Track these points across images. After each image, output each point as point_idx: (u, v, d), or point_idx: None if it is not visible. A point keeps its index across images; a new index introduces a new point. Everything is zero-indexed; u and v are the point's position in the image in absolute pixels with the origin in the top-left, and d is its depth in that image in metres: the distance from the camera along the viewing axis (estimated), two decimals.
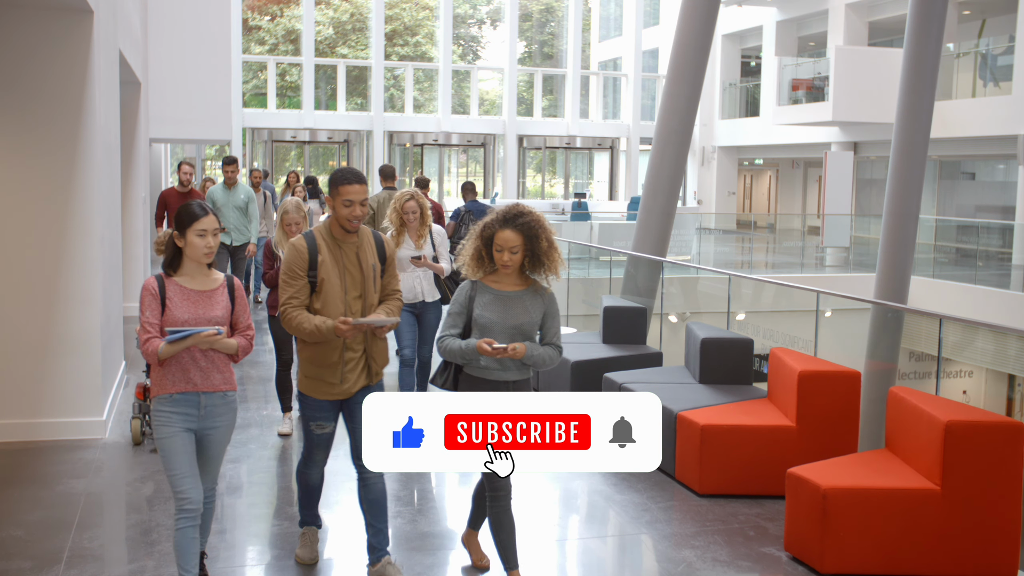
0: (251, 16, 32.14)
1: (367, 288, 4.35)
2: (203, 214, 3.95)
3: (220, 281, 4.08)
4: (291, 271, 4.25)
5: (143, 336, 3.91)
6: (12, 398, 6.45)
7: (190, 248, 3.96)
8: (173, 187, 10.18)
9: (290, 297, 4.24)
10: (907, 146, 12.40)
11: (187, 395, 3.98)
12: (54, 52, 6.37)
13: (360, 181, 4.24)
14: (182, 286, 3.99)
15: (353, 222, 4.25)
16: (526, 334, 4.25)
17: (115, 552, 4.81)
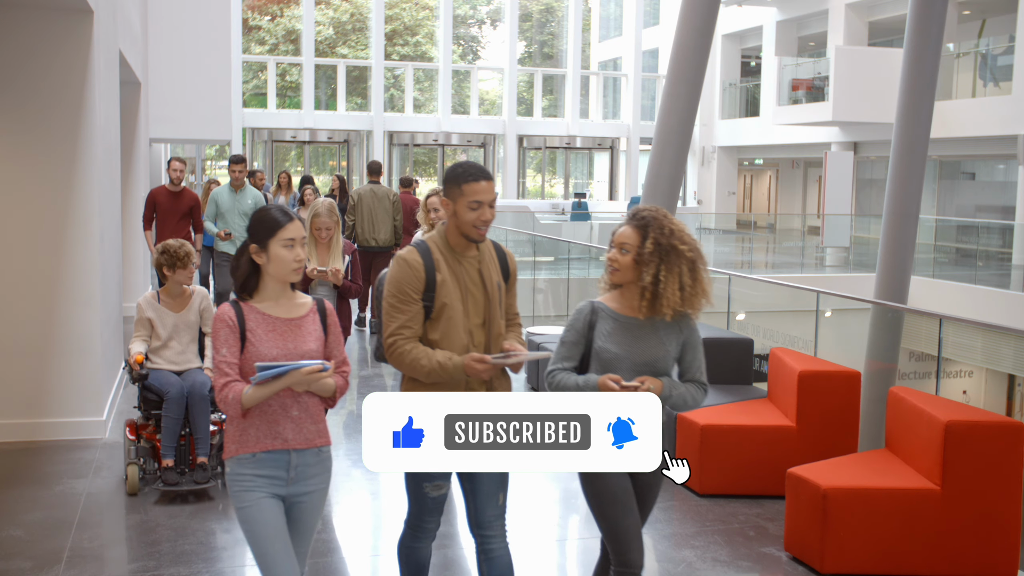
0: (251, 16, 32.13)
1: (492, 313, 3.51)
2: (287, 220, 3.13)
3: (309, 305, 3.27)
4: (402, 293, 3.39)
5: (219, 380, 3.09)
6: (12, 398, 6.45)
7: (275, 264, 3.13)
8: (163, 186, 9.43)
9: (400, 327, 3.38)
10: (907, 146, 12.39)
11: (275, 454, 3.15)
12: (54, 52, 6.37)
13: (487, 177, 3.43)
14: (265, 314, 3.16)
15: (481, 229, 3.43)
16: (659, 372, 3.51)
17: (115, 552, 4.81)
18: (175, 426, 5.54)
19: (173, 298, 5.74)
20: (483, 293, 3.49)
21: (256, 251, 3.15)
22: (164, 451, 5.54)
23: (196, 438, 5.59)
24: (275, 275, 3.16)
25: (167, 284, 5.73)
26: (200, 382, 5.60)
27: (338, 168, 28.04)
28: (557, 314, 12.64)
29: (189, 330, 5.77)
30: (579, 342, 3.53)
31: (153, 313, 5.68)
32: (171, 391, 5.51)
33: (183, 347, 5.74)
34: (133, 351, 5.61)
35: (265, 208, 3.20)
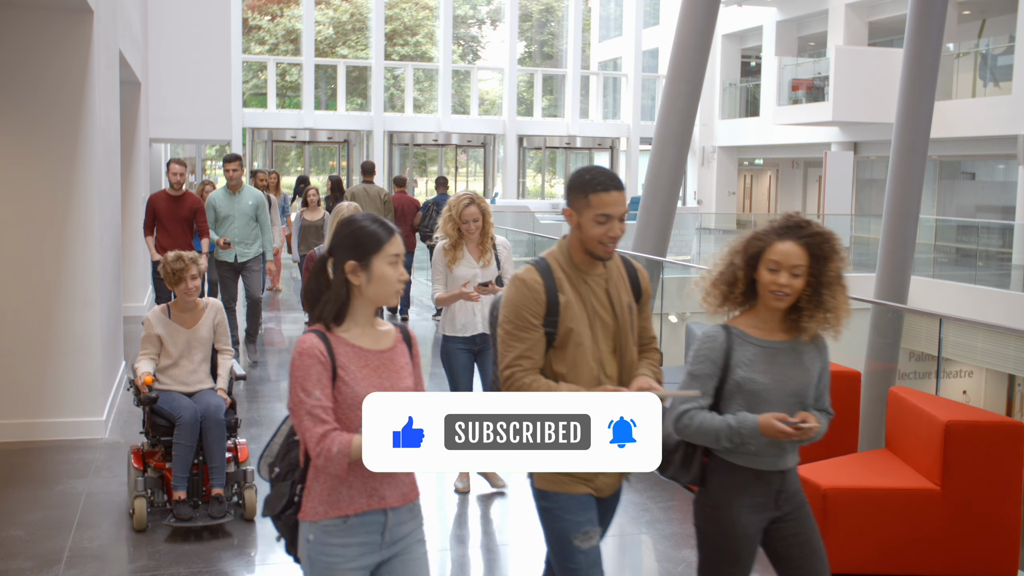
0: (251, 16, 32.14)
1: (624, 339, 3.08)
2: (390, 233, 2.65)
3: (394, 333, 2.77)
4: (520, 319, 2.96)
5: (316, 429, 2.52)
6: (12, 398, 6.45)
7: (378, 284, 2.63)
8: (163, 190, 8.69)
9: (519, 357, 2.95)
10: (907, 146, 12.39)
11: (370, 516, 2.65)
12: (54, 52, 6.37)
13: (618, 187, 2.98)
14: (355, 346, 2.65)
15: (608, 246, 2.98)
16: (804, 403, 3.06)
17: (115, 552, 4.81)
18: (188, 454, 5.00)
19: (184, 313, 5.25)
20: (612, 316, 3.06)
21: (354, 270, 2.62)
22: (175, 482, 4.99)
23: (211, 467, 5.05)
24: (374, 297, 2.65)
25: (178, 298, 5.27)
26: (215, 405, 5.09)
27: (338, 168, 28.05)
28: None
29: (202, 348, 5.26)
30: (715, 375, 3.04)
31: (163, 329, 5.18)
32: (184, 415, 4.99)
33: (195, 366, 5.23)
34: (140, 371, 5.11)
35: (355, 220, 2.68)
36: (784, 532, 3.08)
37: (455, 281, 5.37)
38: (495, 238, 5.61)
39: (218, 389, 5.25)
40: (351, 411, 2.58)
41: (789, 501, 3.11)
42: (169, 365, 5.19)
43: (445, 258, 5.45)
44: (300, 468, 2.68)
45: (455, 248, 5.45)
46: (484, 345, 5.49)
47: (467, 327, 5.46)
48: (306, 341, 2.60)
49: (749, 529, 3.05)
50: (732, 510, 3.05)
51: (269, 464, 2.78)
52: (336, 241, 2.66)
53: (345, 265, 2.64)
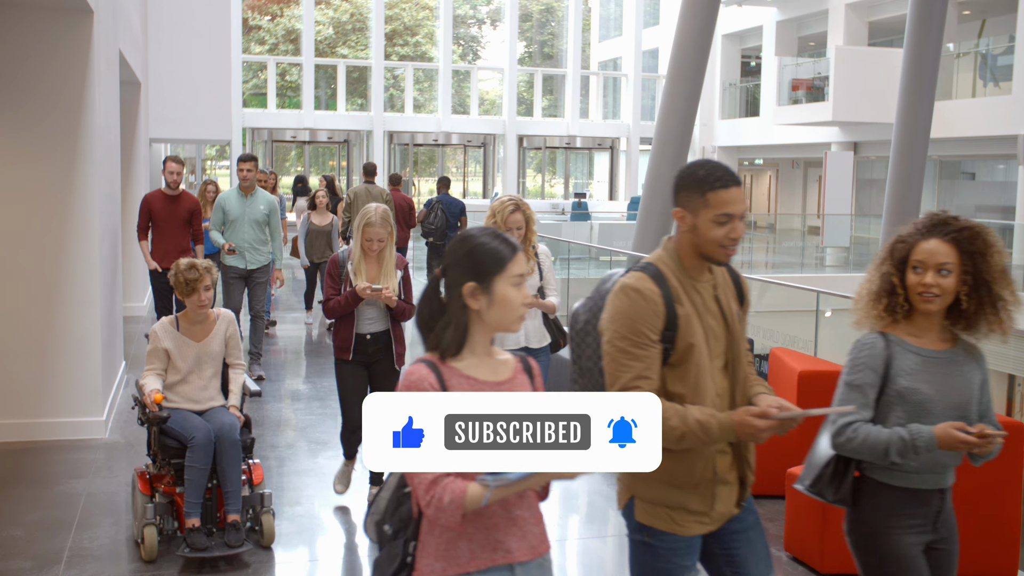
0: (251, 16, 32.15)
1: (737, 352, 2.78)
2: (512, 250, 2.34)
3: (513, 363, 2.45)
4: (637, 334, 2.61)
5: (425, 475, 2.22)
6: (12, 398, 6.45)
7: (500, 308, 2.32)
8: (159, 190, 8.30)
9: (637, 378, 2.60)
10: (907, 146, 12.40)
11: (494, 573, 2.34)
12: (54, 52, 6.36)
13: (737, 182, 2.68)
14: (471, 377, 2.35)
15: (729, 249, 2.68)
16: (968, 417, 2.87)
17: (115, 552, 4.81)
18: (202, 478, 4.61)
19: (194, 325, 4.85)
20: (723, 327, 2.75)
21: (473, 292, 2.30)
22: (188, 508, 4.58)
23: (226, 492, 4.66)
24: (495, 323, 2.33)
25: (188, 309, 4.86)
26: (229, 424, 4.70)
27: (337, 168, 28.05)
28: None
29: (212, 362, 4.88)
30: (875, 384, 2.84)
31: (171, 343, 4.79)
32: (197, 436, 4.59)
33: (205, 382, 4.85)
34: (148, 388, 4.71)
35: (472, 236, 2.36)
36: (938, 559, 2.91)
37: None
38: (537, 246, 5.24)
39: (230, 407, 4.88)
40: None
41: (945, 524, 2.93)
42: (177, 381, 4.80)
43: None
44: (413, 522, 2.35)
45: None
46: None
47: (517, 339, 5.11)
48: (415, 373, 2.28)
49: (913, 551, 2.85)
50: (891, 536, 2.84)
51: (377, 522, 2.42)
52: (452, 260, 2.35)
53: (463, 287, 2.30)
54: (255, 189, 8.19)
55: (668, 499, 2.69)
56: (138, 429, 6.80)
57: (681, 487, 2.68)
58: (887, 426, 2.82)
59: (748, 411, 2.58)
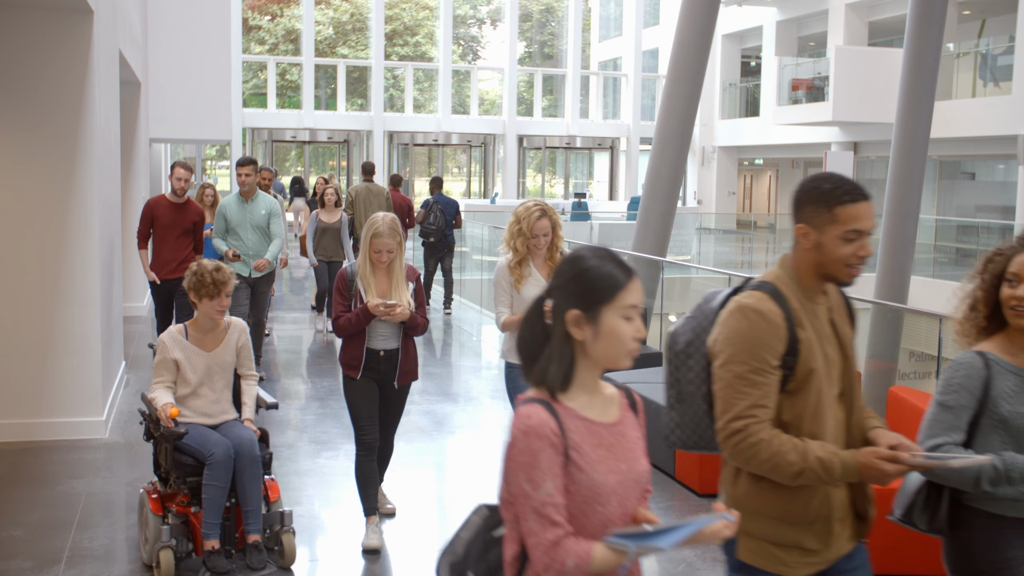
0: (251, 16, 32.16)
1: (852, 380, 2.57)
2: (627, 276, 2.07)
3: (618, 399, 2.19)
4: (757, 359, 2.42)
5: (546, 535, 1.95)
6: (12, 398, 6.45)
7: (607, 342, 2.05)
8: (163, 196, 7.95)
9: (752, 407, 2.41)
10: (907, 146, 12.40)
11: None
12: (54, 52, 6.37)
13: (867, 196, 2.48)
14: (586, 419, 2.07)
15: (856, 269, 2.50)
16: None
17: (115, 552, 4.81)
18: (221, 497, 4.34)
19: (204, 334, 4.59)
20: (839, 352, 2.54)
21: (577, 321, 2.04)
22: (207, 529, 4.32)
23: (245, 511, 4.39)
24: (600, 357, 2.06)
25: (197, 316, 4.59)
26: (247, 439, 4.44)
27: (338, 168, 28.05)
28: None
29: (224, 374, 4.62)
30: (971, 407, 2.67)
31: (180, 353, 4.51)
32: (216, 452, 4.32)
33: (217, 395, 4.60)
34: (160, 402, 4.44)
35: (583, 257, 2.08)
36: None
37: (523, 303, 4.74)
38: (563, 252, 4.94)
39: (245, 420, 4.63)
40: (587, 506, 2.00)
41: None
42: (188, 394, 4.53)
43: (511, 276, 4.83)
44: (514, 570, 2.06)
45: (521, 265, 4.82)
46: None
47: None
48: (533, 416, 1.99)
49: None
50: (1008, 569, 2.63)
51: (453, 564, 2.17)
52: (558, 280, 2.09)
53: (567, 314, 2.05)
54: (255, 193, 7.92)
55: (780, 537, 2.46)
56: (138, 429, 6.80)
57: (795, 524, 2.45)
58: (986, 451, 2.63)
59: (876, 453, 2.36)
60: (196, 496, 4.41)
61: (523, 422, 2.00)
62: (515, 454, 1.99)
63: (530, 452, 1.97)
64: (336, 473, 5.95)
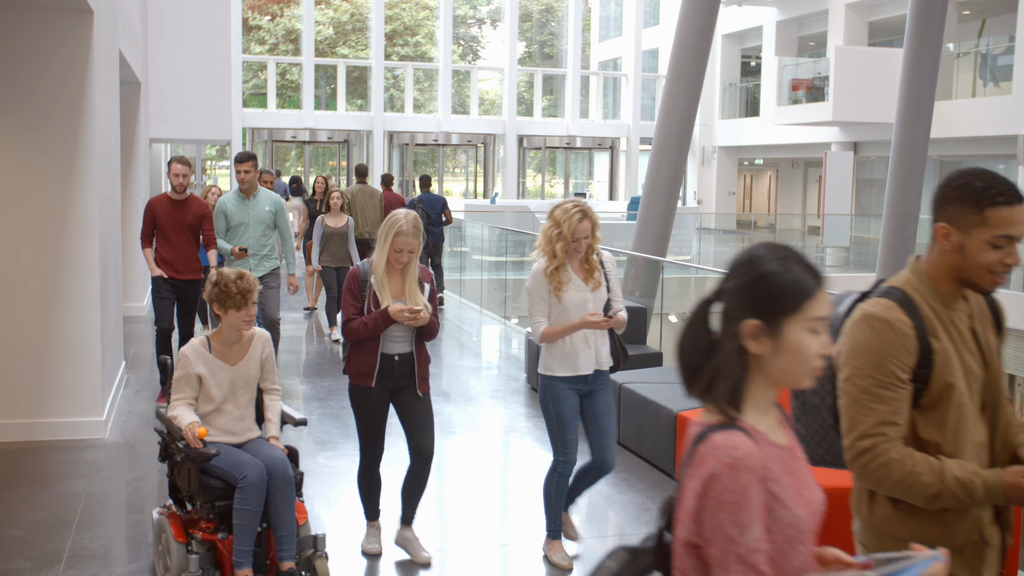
0: (251, 16, 32.16)
1: (996, 393, 2.35)
2: (817, 284, 1.79)
3: (776, 412, 1.90)
4: (886, 373, 2.23)
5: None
6: (12, 398, 6.45)
7: (791, 358, 1.78)
8: (164, 194, 7.57)
9: (882, 423, 2.23)
10: (907, 146, 12.41)
11: None
12: (54, 52, 6.37)
13: (1022, 199, 2.26)
14: (775, 444, 1.81)
15: (1001, 277, 2.30)
16: None
17: (115, 552, 4.81)
18: (254, 522, 4.00)
19: (228, 346, 4.25)
20: (981, 363, 2.33)
21: (756, 332, 1.78)
22: (238, 558, 3.97)
23: (278, 536, 4.05)
24: (779, 375, 1.80)
25: (221, 327, 4.25)
26: (278, 459, 4.12)
27: (338, 168, 28.06)
28: None
29: (248, 388, 4.29)
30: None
31: (204, 367, 4.17)
32: (248, 474, 3.98)
33: (242, 411, 4.27)
34: (184, 420, 4.07)
35: (761, 257, 1.81)
36: None
37: (564, 311, 4.41)
38: (600, 254, 4.58)
39: (270, 437, 4.32)
40: (788, 547, 1.73)
41: None
42: (211, 411, 4.20)
43: (549, 283, 4.43)
44: None
45: (559, 270, 4.42)
46: (596, 384, 4.55)
47: (587, 363, 4.50)
48: (739, 446, 1.70)
49: None
50: None
51: None
52: (732, 283, 1.82)
53: (743, 325, 1.79)
54: (257, 189, 7.65)
55: None
56: (138, 429, 6.81)
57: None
58: None
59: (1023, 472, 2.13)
60: (223, 521, 4.08)
61: (728, 453, 1.70)
62: (718, 491, 1.69)
63: (737, 489, 1.68)
64: (336, 473, 5.95)
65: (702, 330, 1.84)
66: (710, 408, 1.81)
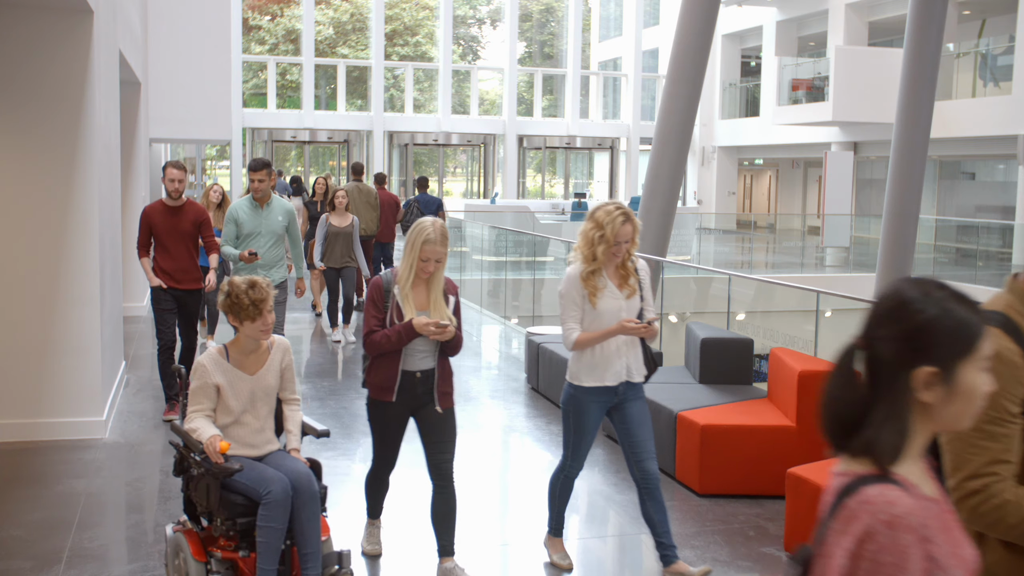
0: (251, 16, 32.15)
1: None
2: (981, 318, 1.71)
3: (927, 467, 1.77)
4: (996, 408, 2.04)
5: None
6: (12, 398, 6.45)
7: (962, 403, 1.68)
8: (159, 200, 7.18)
9: (991, 463, 2.06)
10: (907, 146, 12.40)
11: None
12: (54, 52, 6.37)
13: None
14: (930, 498, 1.66)
15: None
16: None
17: (115, 552, 4.81)
18: (278, 540, 3.81)
19: (246, 355, 4.07)
20: None
21: (930, 381, 1.65)
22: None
23: (303, 553, 3.86)
24: (948, 421, 1.69)
25: (238, 336, 4.07)
26: (303, 473, 3.94)
27: (337, 168, 28.05)
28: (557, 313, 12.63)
29: (267, 399, 4.12)
30: None
31: (222, 377, 4.00)
32: (273, 490, 3.79)
33: (261, 423, 4.09)
34: (204, 434, 3.88)
35: (913, 299, 1.68)
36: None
37: (598, 318, 4.26)
38: (636, 261, 4.41)
39: (291, 450, 4.13)
40: None
41: None
42: (229, 423, 4.02)
43: (584, 288, 4.27)
44: None
45: (595, 275, 4.26)
46: (628, 395, 4.40)
47: (617, 374, 4.35)
48: (897, 503, 1.57)
49: None
50: None
51: None
52: (886, 332, 1.68)
53: (915, 373, 1.64)
54: (271, 198, 7.30)
55: None
56: (138, 429, 6.82)
57: None
58: None
59: None
60: (245, 539, 3.87)
61: (885, 510, 1.56)
62: (874, 551, 1.55)
63: (897, 550, 1.55)
64: (336, 473, 5.95)
65: (851, 381, 1.70)
66: (856, 458, 1.66)
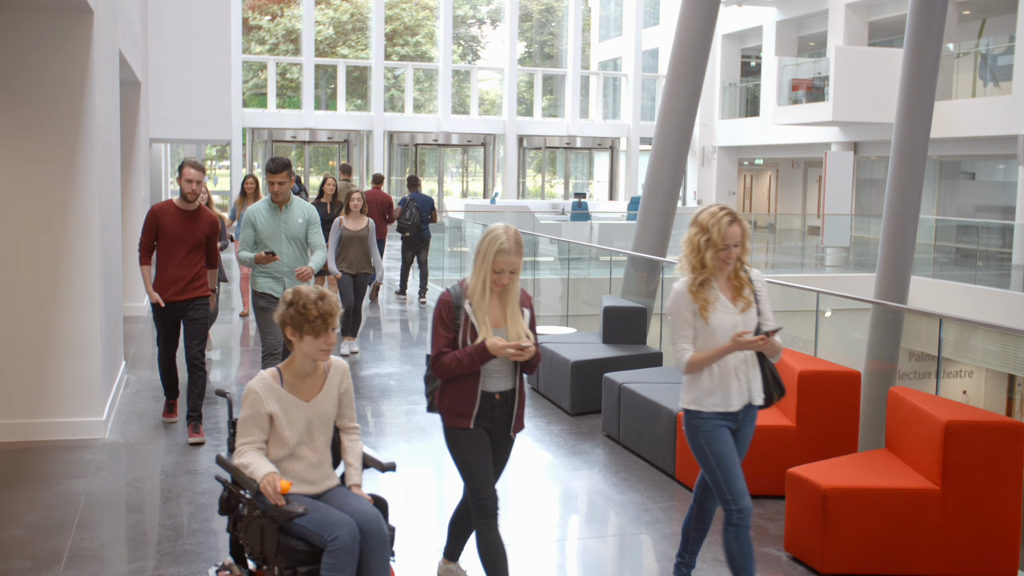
0: (251, 16, 32.15)
1: None
2: None
3: None
4: None
5: None
6: (12, 398, 6.45)
7: None
8: (170, 201, 6.64)
9: None
10: (907, 146, 12.40)
11: None
12: (54, 52, 6.37)
13: None
14: None
15: None
16: None
17: (115, 552, 4.81)
18: None
19: (302, 379, 3.63)
20: None
21: None
22: None
23: None
24: None
25: (293, 356, 3.63)
26: (371, 514, 3.51)
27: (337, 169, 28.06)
28: (557, 313, 12.64)
29: (325, 428, 3.68)
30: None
31: (276, 405, 3.56)
32: (340, 535, 3.37)
33: (319, 456, 3.65)
34: (259, 471, 3.42)
35: None
36: None
37: (711, 335, 3.87)
38: (750, 268, 4.03)
39: (352, 486, 3.69)
40: None
41: None
42: (284, 456, 3.58)
43: (694, 303, 3.88)
44: None
45: (704, 286, 3.87)
46: (745, 420, 4.01)
47: (738, 397, 3.95)
48: None
49: None
50: None
51: None
52: None
53: None
54: (291, 199, 6.79)
55: None
56: (138, 429, 6.82)
57: None
58: None
59: None
60: None
61: None
62: None
63: None
64: None
65: None
66: None
